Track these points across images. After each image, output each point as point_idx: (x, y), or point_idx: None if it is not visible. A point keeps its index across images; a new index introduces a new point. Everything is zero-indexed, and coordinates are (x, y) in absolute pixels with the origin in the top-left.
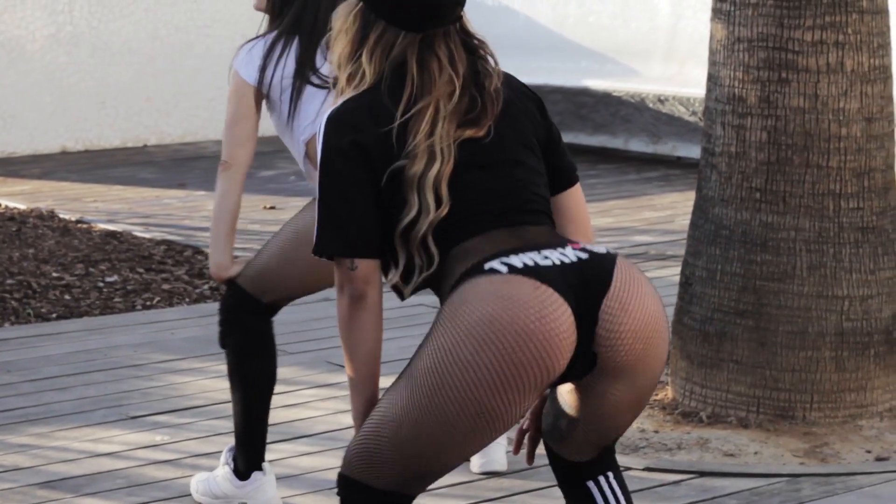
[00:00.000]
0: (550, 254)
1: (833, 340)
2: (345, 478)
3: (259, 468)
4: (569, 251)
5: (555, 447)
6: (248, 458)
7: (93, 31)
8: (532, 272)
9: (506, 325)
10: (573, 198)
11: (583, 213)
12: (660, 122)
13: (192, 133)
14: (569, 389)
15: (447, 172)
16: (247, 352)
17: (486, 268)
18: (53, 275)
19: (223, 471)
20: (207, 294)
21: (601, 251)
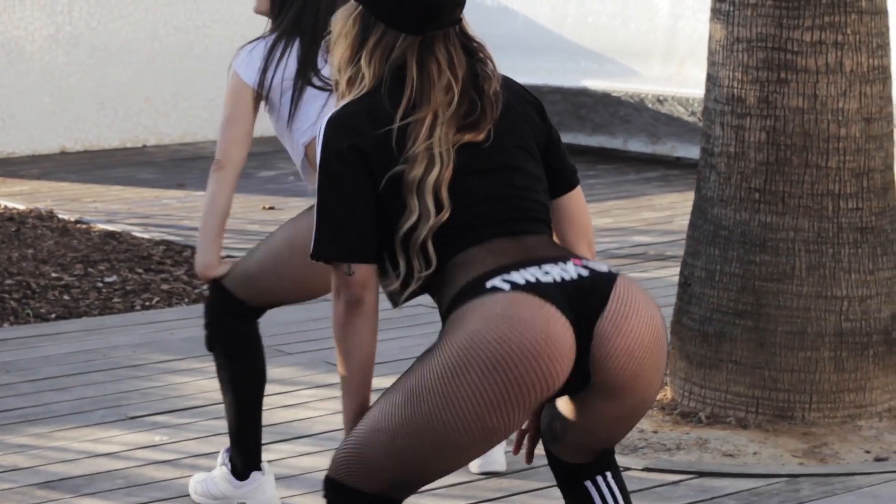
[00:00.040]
0: (551, 269)
1: (832, 341)
2: (332, 481)
3: (258, 468)
4: (570, 267)
5: (552, 448)
6: (246, 459)
7: (92, 32)
8: (534, 289)
9: (514, 348)
10: (574, 201)
11: (584, 217)
12: (659, 123)
13: (192, 133)
14: (564, 398)
15: (447, 177)
16: (234, 354)
17: (489, 286)
18: (52, 275)
19: (220, 471)
20: (207, 294)
21: (601, 269)
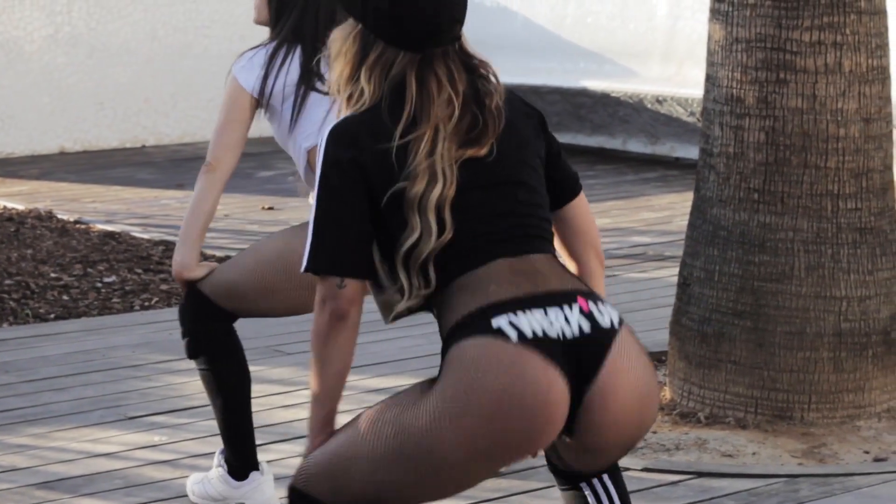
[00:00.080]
0: (556, 317)
1: (831, 341)
2: (299, 492)
3: (256, 468)
4: (574, 315)
5: (546, 451)
6: (243, 459)
7: (91, 32)
8: (539, 345)
9: (515, 405)
10: (579, 210)
11: (590, 226)
12: (658, 123)
13: (191, 134)
14: None
15: (450, 195)
16: (216, 359)
17: (495, 326)
18: (52, 275)
19: (217, 472)
20: (182, 300)
21: (605, 323)
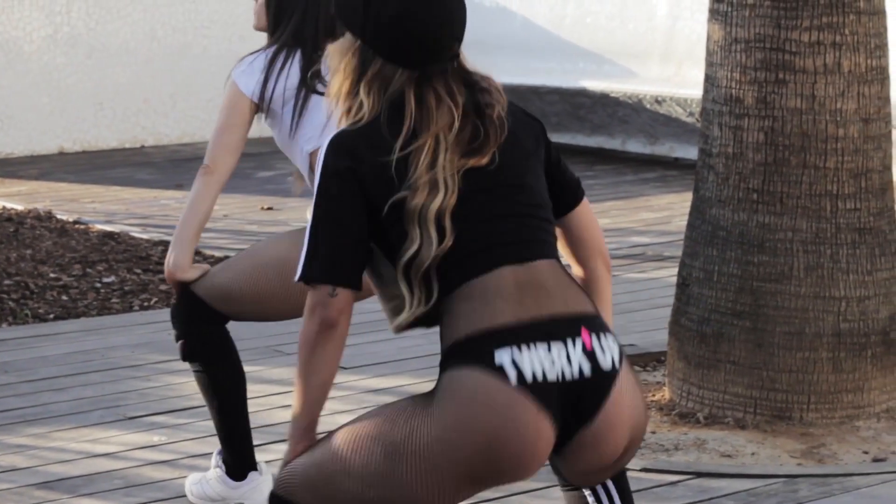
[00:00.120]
0: (559, 355)
1: (830, 341)
2: (283, 500)
3: (254, 468)
4: (577, 354)
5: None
6: (241, 460)
7: (90, 33)
8: (538, 391)
9: (502, 446)
10: (583, 216)
11: (594, 232)
12: (657, 123)
13: (190, 134)
14: None
15: (451, 204)
16: (211, 361)
17: (497, 363)
18: (51, 275)
19: (215, 473)
20: (175, 303)
21: (606, 365)
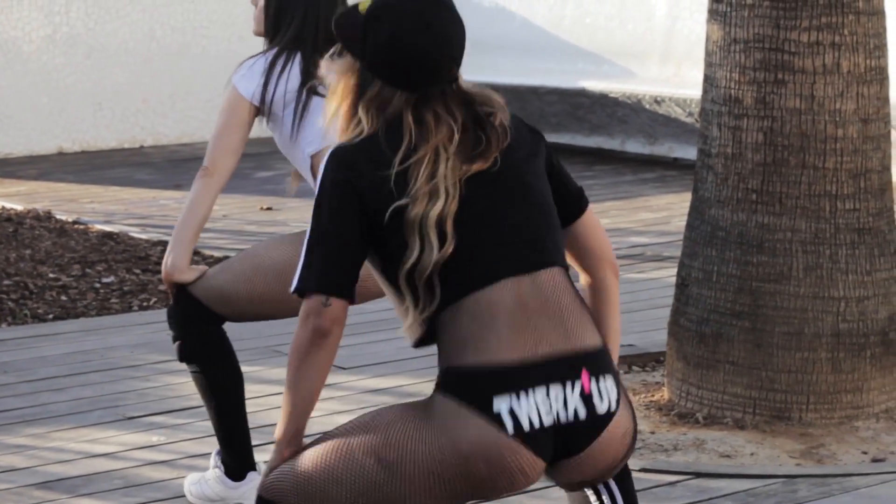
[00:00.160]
0: (556, 399)
1: (829, 342)
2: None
3: (253, 468)
4: (574, 398)
5: None
6: (240, 460)
7: (89, 33)
8: (534, 439)
9: (497, 482)
10: (588, 225)
11: (600, 240)
12: (656, 124)
13: (189, 134)
14: None
15: (452, 210)
16: (210, 362)
17: (495, 411)
18: (50, 276)
19: (213, 473)
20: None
21: (601, 410)
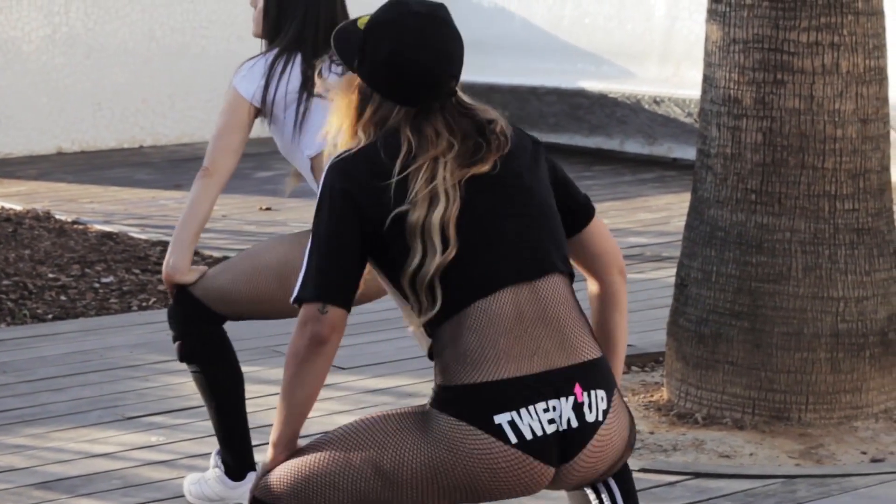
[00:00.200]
0: (552, 411)
1: (828, 342)
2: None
3: (253, 468)
4: (567, 409)
5: None
6: (240, 460)
7: (89, 33)
8: (535, 447)
9: (504, 494)
10: (595, 233)
11: (609, 245)
12: (655, 124)
13: (189, 134)
14: None
15: (454, 214)
16: (210, 362)
17: (496, 423)
18: (49, 276)
19: (213, 473)
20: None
21: (590, 418)
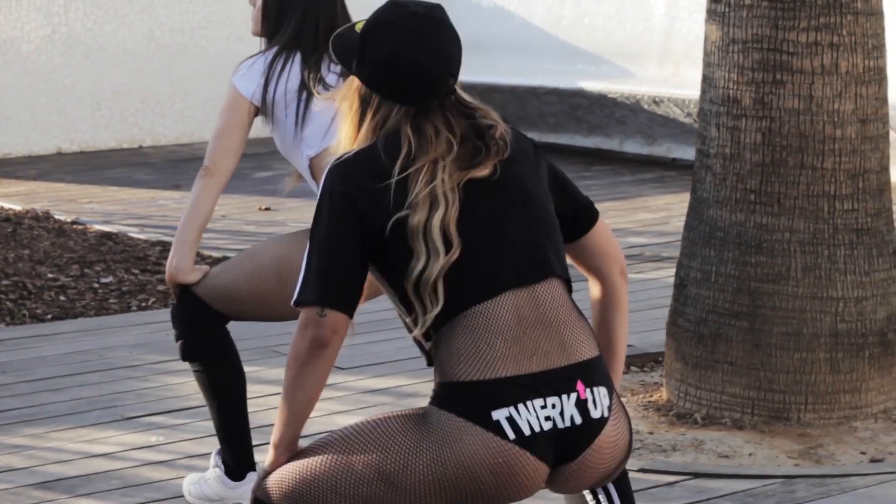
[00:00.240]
0: (553, 408)
1: (827, 342)
2: None
3: (253, 468)
4: (570, 406)
5: None
6: (240, 460)
7: (88, 33)
8: (534, 444)
9: (501, 492)
10: (599, 236)
11: (612, 247)
12: (655, 124)
13: (188, 134)
14: None
15: (454, 216)
16: (211, 361)
17: (495, 419)
18: (49, 276)
19: (213, 473)
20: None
21: (595, 415)
